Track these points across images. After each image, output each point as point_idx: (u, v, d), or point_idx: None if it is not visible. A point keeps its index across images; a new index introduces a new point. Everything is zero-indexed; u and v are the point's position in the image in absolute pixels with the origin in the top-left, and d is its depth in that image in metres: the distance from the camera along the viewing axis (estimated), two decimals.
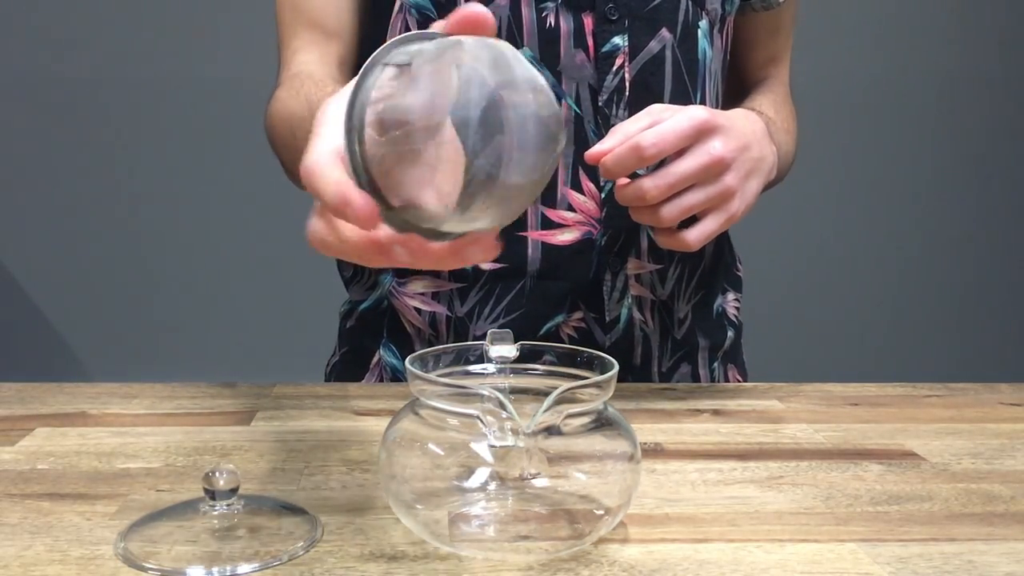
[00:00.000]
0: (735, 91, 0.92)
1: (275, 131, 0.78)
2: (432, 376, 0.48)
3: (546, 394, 0.45)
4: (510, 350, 0.54)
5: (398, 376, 0.85)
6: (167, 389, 0.76)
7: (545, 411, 0.44)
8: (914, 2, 2.24)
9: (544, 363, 0.55)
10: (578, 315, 0.81)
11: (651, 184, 0.67)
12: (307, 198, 0.42)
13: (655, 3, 0.79)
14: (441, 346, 0.54)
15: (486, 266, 0.80)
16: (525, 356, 0.55)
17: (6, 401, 0.72)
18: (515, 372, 0.55)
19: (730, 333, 0.92)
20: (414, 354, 0.51)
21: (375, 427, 0.67)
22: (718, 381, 0.90)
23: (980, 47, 2.27)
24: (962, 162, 2.32)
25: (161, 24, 2.04)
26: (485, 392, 0.44)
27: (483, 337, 0.81)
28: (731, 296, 0.94)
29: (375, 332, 0.86)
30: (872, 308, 2.32)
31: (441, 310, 0.82)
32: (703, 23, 0.81)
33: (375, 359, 0.86)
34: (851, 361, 2.24)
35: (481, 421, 0.45)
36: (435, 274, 0.82)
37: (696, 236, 0.70)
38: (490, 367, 0.54)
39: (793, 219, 2.17)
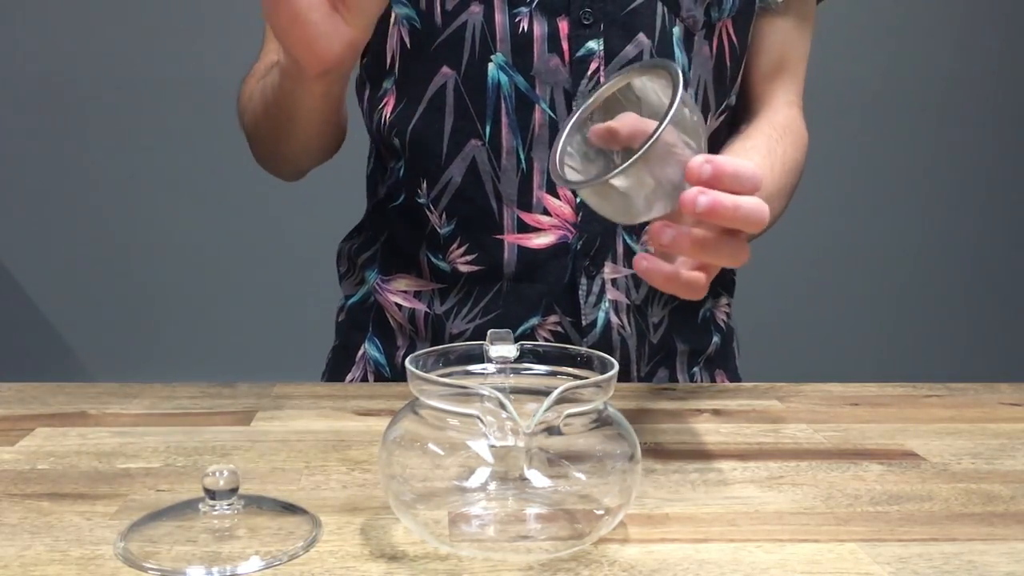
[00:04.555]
0: (743, 100, 0.88)
1: (250, 103, 0.85)
2: (432, 376, 0.48)
3: (546, 394, 0.45)
4: (510, 350, 0.54)
5: (380, 370, 0.87)
6: (167, 389, 0.76)
7: (545, 411, 0.44)
8: (913, 2, 2.24)
9: (544, 363, 0.55)
10: (553, 318, 0.81)
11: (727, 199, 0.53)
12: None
13: (632, 8, 0.78)
14: (441, 346, 0.54)
15: (464, 268, 0.82)
16: (525, 356, 0.55)
17: (6, 401, 0.72)
18: (515, 372, 0.55)
19: (715, 338, 0.90)
20: (414, 354, 0.51)
21: (375, 427, 0.67)
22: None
23: (980, 47, 2.27)
24: (962, 162, 2.31)
25: (163, 24, 2.04)
26: (485, 392, 0.44)
27: (459, 335, 0.83)
28: (723, 301, 0.93)
29: (361, 327, 0.89)
30: (872, 308, 2.32)
31: (421, 307, 0.85)
32: (676, 30, 0.80)
33: (360, 352, 0.88)
34: (851, 361, 2.23)
35: (481, 421, 0.45)
36: (417, 274, 0.85)
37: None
38: (490, 367, 0.54)
39: (794, 219, 2.17)
